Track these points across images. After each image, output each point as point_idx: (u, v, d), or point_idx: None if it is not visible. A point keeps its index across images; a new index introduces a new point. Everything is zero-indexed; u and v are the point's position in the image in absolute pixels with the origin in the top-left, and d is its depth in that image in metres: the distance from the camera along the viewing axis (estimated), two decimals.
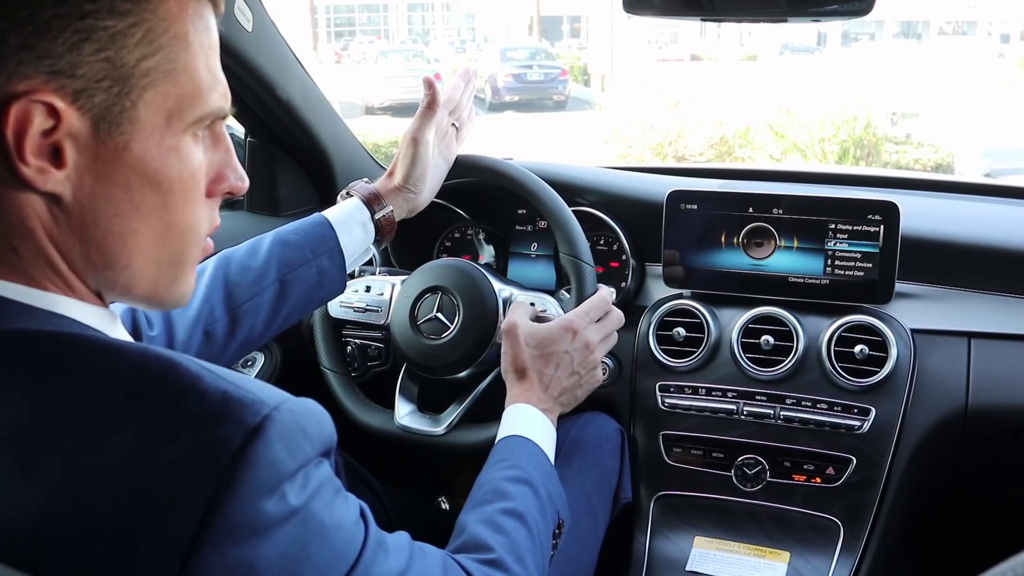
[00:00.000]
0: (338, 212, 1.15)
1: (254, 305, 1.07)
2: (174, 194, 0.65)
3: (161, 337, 1.01)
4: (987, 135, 8.94)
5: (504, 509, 0.91)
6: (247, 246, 1.10)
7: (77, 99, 0.59)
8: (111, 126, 0.60)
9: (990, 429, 1.26)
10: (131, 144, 0.62)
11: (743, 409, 1.29)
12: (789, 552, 1.26)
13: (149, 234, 0.65)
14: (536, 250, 1.53)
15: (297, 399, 0.63)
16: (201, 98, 0.65)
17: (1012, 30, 27.83)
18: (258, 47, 1.42)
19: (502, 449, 1.02)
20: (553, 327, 1.12)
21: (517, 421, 1.06)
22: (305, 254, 1.10)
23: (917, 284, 1.34)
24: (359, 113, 15.53)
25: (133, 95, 0.61)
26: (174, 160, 0.64)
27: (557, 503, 0.99)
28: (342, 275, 1.14)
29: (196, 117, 0.65)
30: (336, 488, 0.66)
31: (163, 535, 0.55)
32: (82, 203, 0.61)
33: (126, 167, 0.62)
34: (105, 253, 0.64)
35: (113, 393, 0.59)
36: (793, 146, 7.52)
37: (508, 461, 0.99)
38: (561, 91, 16.96)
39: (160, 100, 0.63)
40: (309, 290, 1.11)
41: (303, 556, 0.60)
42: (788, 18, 1.09)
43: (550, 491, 0.98)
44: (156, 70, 0.62)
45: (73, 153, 0.60)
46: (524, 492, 0.94)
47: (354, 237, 1.15)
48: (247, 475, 0.56)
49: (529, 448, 1.02)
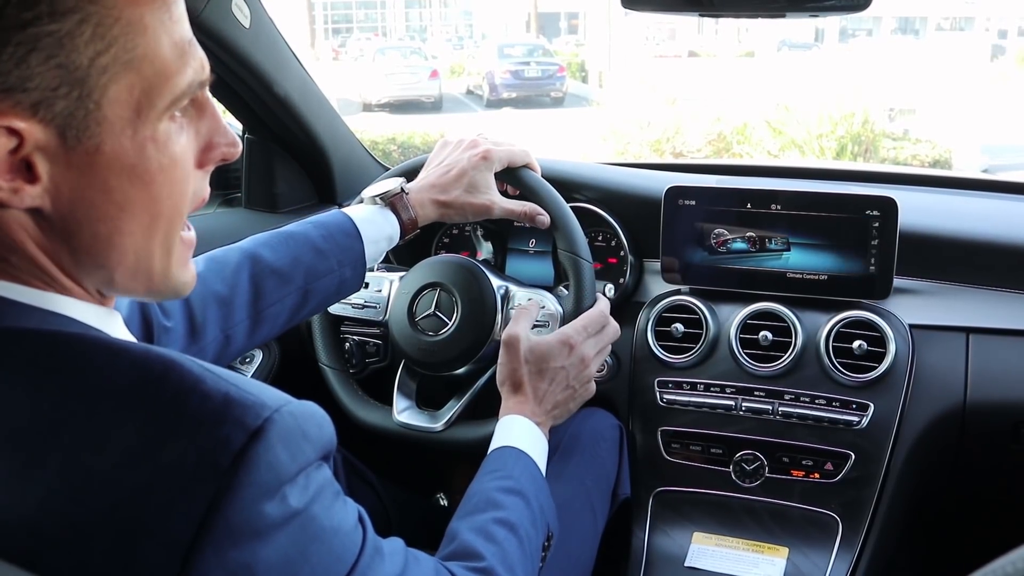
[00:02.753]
0: (368, 223, 1.13)
1: (275, 311, 1.06)
2: (157, 184, 0.62)
3: (180, 328, 0.99)
4: (985, 131, 8.95)
5: (496, 519, 0.91)
6: (275, 247, 1.07)
7: (36, 112, 0.55)
8: (78, 131, 0.57)
9: (988, 424, 1.26)
10: (103, 145, 0.58)
11: (741, 405, 1.29)
12: (788, 548, 1.26)
13: (138, 230, 0.63)
14: (534, 246, 1.53)
15: (298, 402, 0.62)
16: (170, 80, 0.61)
17: (1009, 26, 27.83)
18: (256, 44, 1.42)
19: (495, 459, 1.02)
20: (552, 342, 1.12)
21: (511, 432, 1.06)
22: (332, 265, 1.09)
23: (915, 279, 1.34)
24: (357, 110, 15.52)
25: (95, 95, 0.57)
26: (152, 151, 0.61)
27: (548, 515, 0.99)
28: (359, 284, 1.14)
29: (168, 101, 0.61)
30: (336, 492, 0.66)
31: (162, 536, 0.55)
32: (63, 213, 0.59)
33: (102, 169, 0.59)
34: (95, 256, 0.63)
35: (114, 393, 0.58)
36: (791, 142, 7.53)
37: (501, 471, 0.99)
38: (559, 88, 16.94)
39: (125, 94, 0.58)
40: (327, 298, 1.11)
41: (302, 559, 0.60)
42: (786, 14, 1.09)
43: (541, 503, 0.98)
44: (114, 64, 0.57)
45: (45, 165, 0.57)
46: (516, 503, 0.95)
47: (378, 248, 1.14)
48: (247, 477, 0.56)
49: (523, 460, 1.02)
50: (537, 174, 1.27)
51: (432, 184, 1.19)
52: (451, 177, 1.19)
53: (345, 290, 1.13)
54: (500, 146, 1.23)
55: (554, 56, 18.64)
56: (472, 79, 18.87)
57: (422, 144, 7.52)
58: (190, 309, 1.00)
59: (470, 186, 1.18)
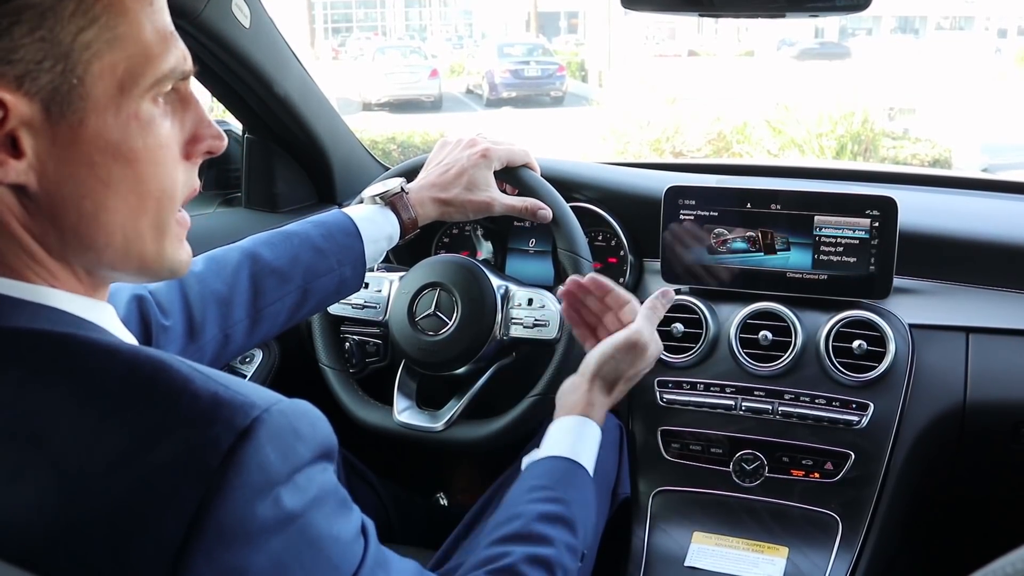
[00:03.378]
0: (368, 222, 1.12)
1: (275, 310, 1.05)
2: (142, 163, 0.63)
3: (179, 327, 0.98)
4: (985, 130, 8.94)
5: (531, 557, 0.84)
6: (274, 246, 1.07)
7: (21, 85, 0.56)
8: (62, 106, 0.58)
9: (988, 424, 1.26)
10: (87, 120, 0.59)
11: (741, 405, 1.29)
12: (788, 547, 1.26)
13: (124, 208, 0.63)
14: (534, 246, 1.53)
15: (290, 400, 0.61)
16: (153, 62, 0.62)
17: (1009, 25, 27.83)
18: (256, 43, 1.42)
19: (548, 474, 0.94)
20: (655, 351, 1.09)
21: (583, 442, 0.98)
22: (331, 264, 1.08)
23: (915, 279, 1.34)
24: (356, 109, 15.51)
25: (79, 70, 0.58)
26: (135, 129, 0.62)
27: (588, 538, 0.94)
28: (359, 284, 1.13)
29: (151, 82, 0.62)
30: (341, 500, 0.64)
31: (153, 537, 0.55)
32: (49, 190, 0.60)
33: (87, 145, 0.60)
34: (82, 235, 0.62)
35: (103, 394, 0.58)
36: (791, 142, 7.53)
37: (551, 491, 0.91)
38: (558, 87, 16.94)
39: (108, 71, 0.60)
40: (326, 297, 1.11)
41: (296, 565, 0.59)
42: (786, 13, 1.09)
43: (587, 529, 0.93)
44: (97, 40, 0.59)
45: (30, 140, 0.58)
46: (560, 535, 0.87)
47: (378, 248, 1.14)
48: (237, 478, 0.56)
49: (580, 479, 0.95)
50: (536, 173, 1.27)
51: (432, 183, 1.19)
52: (451, 176, 1.19)
53: (345, 289, 1.12)
54: (499, 145, 1.23)
55: (554, 55, 18.63)
56: (472, 78, 18.87)
57: (422, 143, 7.52)
58: (189, 308, 0.99)
59: (470, 184, 1.18)
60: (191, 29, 1.30)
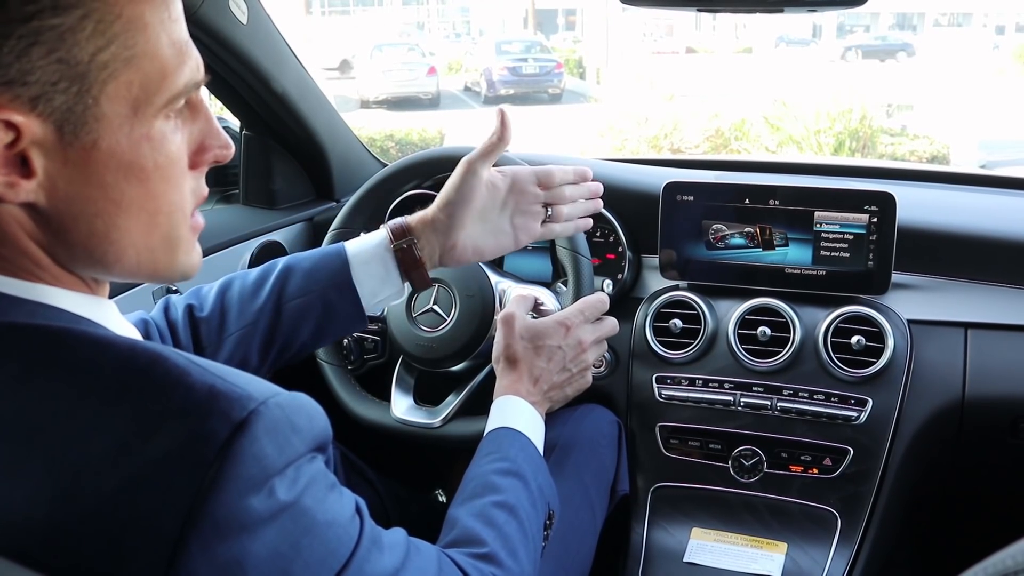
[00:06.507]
0: (359, 243, 1.06)
1: (246, 335, 1.02)
2: (153, 182, 0.62)
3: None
4: (983, 127, 8.96)
5: (495, 502, 0.90)
6: (258, 271, 1.06)
7: (35, 106, 0.56)
8: (76, 127, 0.58)
9: (987, 419, 1.26)
10: (99, 141, 0.59)
11: (740, 400, 1.29)
12: (786, 543, 1.26)
13: (135, 225, 0.63)
14: (532, 242, 1.52)
15: (288, 393, 0.61)
16: (168, 79, 0.61)
17: (1007, 22, 27.84)
18: (253, 40, 1.41)
19: (491, 441, 1.01)
20: (548, 322, 1.11)
21: (506, 413, 1.04)
22: (308, 285, 1.03)
23: (913, 275, 1.34)
24: (354, 107, 15.50)
25: (94, 91, 0.58)
26: (147, 149, 0.61)
27: (547, 494, 0.98)
28: (356, 309, 1.04)
29: (165, 100, 0.62)
30: (330, 484, 0.65)
31: (149, 530, 0.55)
32: (59, 208, 0.59)
33: (99, 165, 0.59)
34: (92, 251, 0.62)
35: (99, 387, 0.58)
36: (789, 138, 7.52)
37: (497, 453, 0.98)
38: (556, 84, 16.92)
39: (124, 90, 0.59)
40: (316, 321, 1.04)
41: (294, 553, 0.59)
42: (783, 9, 1.09)
43: (540, 483, 0.97)
44: (114, 60, 0.58)
45: (41, 160, 0.57)
46: (514, 484, 0.94)
47: (373, 273, 1.04)
48: (233, 471, 0.56)
49: (519, 440, 1.01)
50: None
51: None
52: None
53: (339, 315, 1.05)
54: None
55: (552, 52, 18.60)
56: (470, 76, 18.85)
57: (419, 141, 7.50)
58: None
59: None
60: (188, 25, 1.29)
